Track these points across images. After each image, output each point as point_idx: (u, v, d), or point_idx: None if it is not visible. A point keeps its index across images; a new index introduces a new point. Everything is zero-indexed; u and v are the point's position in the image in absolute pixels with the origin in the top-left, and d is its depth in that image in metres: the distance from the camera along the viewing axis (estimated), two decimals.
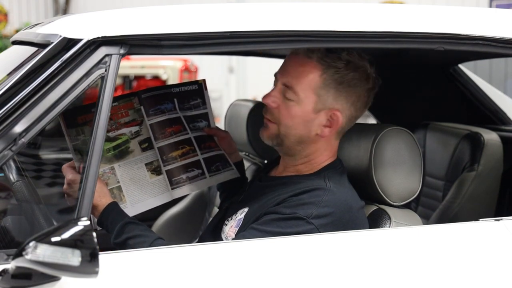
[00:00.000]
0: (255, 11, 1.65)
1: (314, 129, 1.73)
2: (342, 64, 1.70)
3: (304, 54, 1.71)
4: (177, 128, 1.95)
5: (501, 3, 8.56)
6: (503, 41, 1.77)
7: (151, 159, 1.89)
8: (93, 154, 1.46)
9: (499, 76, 8.19)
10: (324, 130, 1.73)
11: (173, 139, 1.93)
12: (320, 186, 1.68)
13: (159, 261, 1.48)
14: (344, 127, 1.76)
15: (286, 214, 1.61)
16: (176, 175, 1.91)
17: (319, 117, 1.72)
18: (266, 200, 1.71)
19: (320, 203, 1.62)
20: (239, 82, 11.17)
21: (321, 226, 1.60)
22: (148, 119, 1.90)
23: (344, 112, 1.73)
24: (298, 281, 1.50)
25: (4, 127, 1.41)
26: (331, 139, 1.76)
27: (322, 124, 1.72)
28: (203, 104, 2.03)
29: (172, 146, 1.93)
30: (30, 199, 1.78)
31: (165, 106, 1.95)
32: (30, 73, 1.46)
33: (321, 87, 1.70)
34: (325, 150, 1.76)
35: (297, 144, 1.75)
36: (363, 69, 1.73)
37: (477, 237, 1.68)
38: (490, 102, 2.81)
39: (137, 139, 1.88)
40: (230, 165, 2.01)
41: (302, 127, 1.72)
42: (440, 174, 2.69)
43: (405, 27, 1.70)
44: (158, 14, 1.60)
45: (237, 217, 1.76)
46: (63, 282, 1.36)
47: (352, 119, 1.77)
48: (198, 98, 2.03)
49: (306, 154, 1.76)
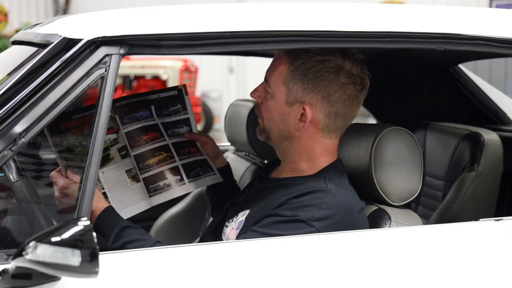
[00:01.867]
0: (255, 11, 1.65)
1: (291, 123, 1.73)
2: (309, 56, 1.70)
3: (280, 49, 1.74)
4: (153, 135, 1.95)
5: (501, 3, 8.56)
6: (503, 41, 1.77)
7: (130, 166, 1.89)
8: (93, 154, 1.46)
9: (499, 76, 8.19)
10: (299, 124, 1.72)
11: (149, 146, 1.93)
12: (320, 188, 1.67)
13: (159, 261, 1.48)
14: (326, 124, 1.72)
15: (287, 217, 1.61)
16: (153, 183, 1.90)
17: (293, 111, 1.72)
18: (267, 202, 1.71)
19: (321, 205, 1.62)
20: (239, 82, 11.18)
21: (322, 229, 1.60)
22: (123, 127, 1.90)
23: (315, 106, 1.70)
24: (299, 282, 1.50)
25: (4, 127, 1.41)
26: (316, 136, 1.74)
27: (297, 119, 1.72)
28: (184, 110, 2.02)
29: (149, 154, 1.93)
30: (30, 199, 1.77)
31: (140, 113, 1.95)
32: (30, 73, 1.46)
33: (289, 79, 1.71)
34: (318, 148, 1.75)
35: (281, 139, 1.76)
36: (332, 62, 1.69)
37: (477, 237, 1.68)
38: (490, 102, 2.81)
39: (116, 146, 1.88)
40: (212, 170, 2.01)
41: (280, 121, 1.74)
42: (440, 174, 2.69)
43: (405, 27, 1.70)
44: (158, 14, 1.60)
45: (238, 219, 1.76)
46: (63, 282, 1.36)
47: (333, 115, 1.72)
48: (178, 104, 2.02)
49: (294, 150, 1.76)
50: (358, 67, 1.72)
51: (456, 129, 2.67)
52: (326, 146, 1.76)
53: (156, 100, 1.98)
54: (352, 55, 1.72)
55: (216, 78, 11.22)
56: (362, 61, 1.74)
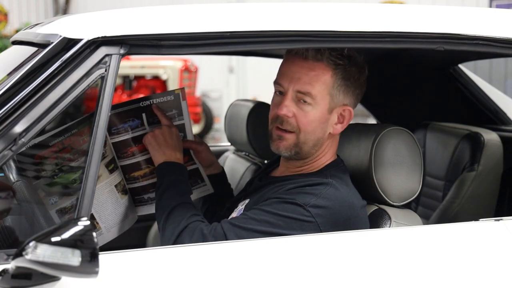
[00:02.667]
0: (255, 11, 1.65)
1: (327, 129, 1.75)
2: (346, 61, 1.72)
3: (312, 57, 1.70)
4: (141, 147, 1.84)
5: (501, 3, 8.56)
6: (503, 41, 1.77)
7: (118, 180, 1.82)
8: (93, 154, 1.46)
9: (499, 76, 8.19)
10: (336, 127, 1.76)
11: (135, 159, 1.84)
12: (322, 181, 1.69)
13: (159, 261, 1.48)
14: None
15: (285, 199, 1.64)
16: (138, 194, 1.86)
17: (332, 115, 1.74)
18: (267, 190, 1.73)
19: (320, 195, 1.64)
20: (239, 82, 11.18)
21: (317, 216, 1.61)
22: (110, 138, 1.81)
23: (352, 105, 1.77)
24: (299, 281, 1.50)
25: (4, 127, 1.41)
26: (338, 136, 1.80)
27: (334, 122, 1.75)
28: (179, 115, 1.90)
29: (135, 166, 1.85)
30: (30, 199, 1.77)
31: (129, 124, 1.83)
32: (30, 73, 1.46)
33: (333, 86, 1.72)
34: (330, 148, 1.78)
35: (313, 148, 1.75)
36: (361, 61, 1.76)
37: (477, 237, 1.68)
38: (490, 102, 2.81)
39: (103, 162, 1.76)
40: (203, 181, 1.95)
41: (320, 130, 1.74)
42: (440, 174, 2.69)
43: (405, 27, 1.70)
44: (158, 14, 1.60)
45: (237, 209, 1.78)
46: (63, 282, 1.36)
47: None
48: (174, 109, 1.89)
49: (318, 154, 1.77)
50: (362, 57, 1.78)
51: (456, 129, 2.67)
52: (335, 144, 1.81)
53: (149, 107, 1.86)
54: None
55: (216, 78, 11.22)
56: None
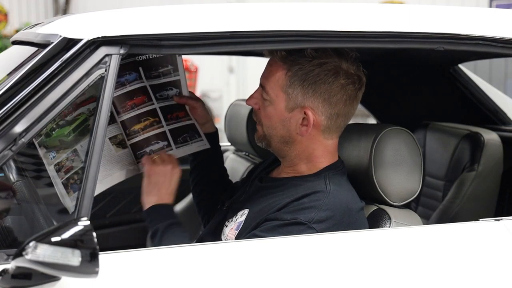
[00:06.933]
0: (255, 11, 1.65)
1: (292, 128, 1.72)
2: (306, 61, 1.69)
3: (276, 54, 1.72)
4: (139, 100, 1.86)
5: (501, 3, 8.55)
6: (503, 41, 1.77)
7: (114, 133, 1.83)
8: (93, 154, 1.46)
9: (499, 76, 8.18)
10: (302, 129, 1.72)
11: (135, 112, 1.86)
12: (320, 188, 1.67)
13: (159, 261, 1.48)
14: (328, 125, 1.72)
15: (287, 220, 1.61)
16: (140, 149, 1.85)
17: (294, 116, 1.71)
18: (266, 204, 1.71)
19: (321, 207, 1.62)
20: (239, 82, 11.16)
21: (322, 230, 1.60)
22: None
23: (317, 109, 1.70)
24: (298, 282, 1.50)
25: (4, 127, 1.41)
26: (318, 138, 1.74)
27: (299, 123, 1.72)
28: (175, 71, 1.93)
29: (135, 119, 1.86)
30: (30, 199, 1.77)
31: (125, 78, 1.85)
32: (30, 73, 1.46)
33: (287, 85, 1.70)
34: (319, 150, 1.74)
35: (282, 145, 1.75)
36: (330, 64, 1.69)
37: (477, 237, 1.68)
38: (490, 102, 2.81)
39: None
40: (200, 136, 1.96)
41: (281, 127, 1.73)
42: (440, 174, 2.69)
43: (405, 27, 1.70)
44: (158, 14, 1.60)
45: (237, 219, 1.76)
46: (63, 282, 1.36)
47: (335, 116, 1.72)
48: (169, 65, 1.92)
49: (296, 154, 1.76)
50: (354, 65, 1.72)
51: (456, 129, 2.67)
52: (327, 147, 1.76)
53: (145, 62, 1.88)
54: (347, 54, 1.72)
55: (216, 78, 11.20)
56: (357, 59, 1.74)
